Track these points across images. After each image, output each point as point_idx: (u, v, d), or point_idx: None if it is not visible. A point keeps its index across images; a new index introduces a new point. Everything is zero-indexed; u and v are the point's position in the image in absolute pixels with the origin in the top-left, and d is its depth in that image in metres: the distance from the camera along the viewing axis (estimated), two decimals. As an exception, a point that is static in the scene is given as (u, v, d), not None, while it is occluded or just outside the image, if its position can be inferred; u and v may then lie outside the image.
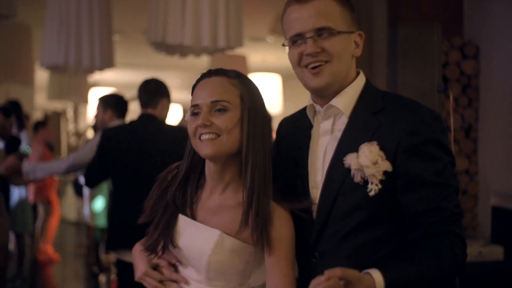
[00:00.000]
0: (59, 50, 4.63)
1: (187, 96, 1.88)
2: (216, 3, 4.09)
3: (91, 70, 5.11)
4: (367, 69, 4.04)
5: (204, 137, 1.73)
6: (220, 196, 1.81)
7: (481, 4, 4.15)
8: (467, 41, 4.18)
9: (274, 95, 9.07)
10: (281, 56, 9.60)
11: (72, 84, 8.18)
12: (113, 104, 4.66)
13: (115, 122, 4.51)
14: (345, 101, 1.74)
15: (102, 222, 6.77)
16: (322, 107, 1.78)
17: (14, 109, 5.75)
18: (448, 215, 1.63)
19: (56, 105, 10.86)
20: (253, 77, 8.71)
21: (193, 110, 1.77)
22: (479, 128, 4.14)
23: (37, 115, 10.86)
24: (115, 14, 5.52)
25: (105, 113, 4.66)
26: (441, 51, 3.30)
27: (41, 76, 8.55)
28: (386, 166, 1.62)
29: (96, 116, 4.83)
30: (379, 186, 1.63)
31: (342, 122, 1.76)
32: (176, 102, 9.37)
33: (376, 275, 1.53)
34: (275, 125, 2.22)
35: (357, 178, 1.65)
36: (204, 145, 1.74)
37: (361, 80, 1.79)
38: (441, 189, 1.63)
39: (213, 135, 1.73)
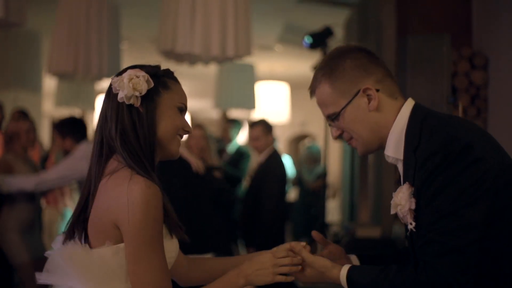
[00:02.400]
0: (67, 57, 4.65)
1: (195, 104, 1.88)
2: (225, 12, 4.10)
3: (99, 77, 5.13)
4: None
5: (180, 138, 1.79)
6: None
7: (490, 15, 4.14)
8: (476, 51, 4.17)
9: (282, 104, 9.07)
10: (289, 65, 9.59)
11: (79, 91, 8.21)
12: (69, 131, 4.54)
13: (81, 147, 4.42)
14: (394, 147, 1.75)
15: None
16: None
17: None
18: (426, 243, 1.60)
19: (63, 112, 10.90)
20: (261, 85, 8.71)
21: (182, 107, 1.78)
22: (488, 139, 4.12)
23: (44, 122, 10.89)
24: (123, 22, 5.54)
25: (65, 141, 4.56)
26: (451, 61, 3.29)
27: (49, 83, 8.57)
28: (409, 204, 1.65)
29: (56, 143, 4.73)
30: (413, 223, 1.66)
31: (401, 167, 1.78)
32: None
33: (344, 271, 1.70)
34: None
35: (403, 220, 1.71)
36: (178, 145, 1.79)
37: (402, 119, 1.75)
38: (433, 219, 1.60)
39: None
